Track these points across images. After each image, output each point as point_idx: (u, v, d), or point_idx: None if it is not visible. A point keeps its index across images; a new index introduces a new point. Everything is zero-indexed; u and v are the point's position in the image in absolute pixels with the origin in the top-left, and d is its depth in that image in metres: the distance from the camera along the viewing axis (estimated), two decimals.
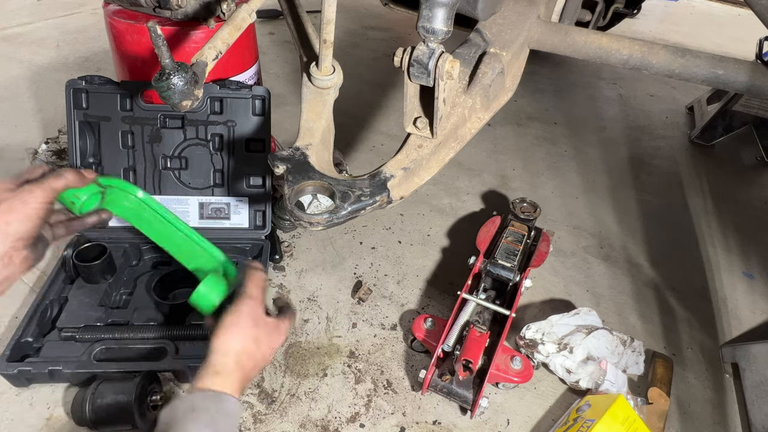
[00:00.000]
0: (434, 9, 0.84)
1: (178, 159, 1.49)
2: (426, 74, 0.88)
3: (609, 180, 2.24)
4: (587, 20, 2.44)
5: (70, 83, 1.39)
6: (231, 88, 1.44)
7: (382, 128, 2.42)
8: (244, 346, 0.81)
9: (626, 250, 1.86)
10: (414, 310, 1.54)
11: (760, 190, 2.30)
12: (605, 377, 1.28)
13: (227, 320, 0.81)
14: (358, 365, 1.37)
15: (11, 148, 1.99)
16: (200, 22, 1.40)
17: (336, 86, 1.11)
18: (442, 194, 2.03)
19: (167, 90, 0.84)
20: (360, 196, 0.91)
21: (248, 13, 1.00)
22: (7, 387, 1.21)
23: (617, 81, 3.17)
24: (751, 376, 1.31)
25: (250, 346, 0.81)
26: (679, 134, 2.67)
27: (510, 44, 1.21)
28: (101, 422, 1.11)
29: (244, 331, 0.81)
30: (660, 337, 1.54)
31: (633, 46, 1.24)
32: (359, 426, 1.24)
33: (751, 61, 1.22)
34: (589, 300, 1.64)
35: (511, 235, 1.56)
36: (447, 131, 1.04)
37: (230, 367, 0.78)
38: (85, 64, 2.69)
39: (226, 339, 0.80)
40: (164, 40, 0.78)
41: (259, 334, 0.83)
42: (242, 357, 0.80)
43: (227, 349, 0.79)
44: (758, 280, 1.79)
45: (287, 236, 1.73)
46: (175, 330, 1.28)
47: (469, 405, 1.22)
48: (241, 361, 0.80)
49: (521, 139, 2.48)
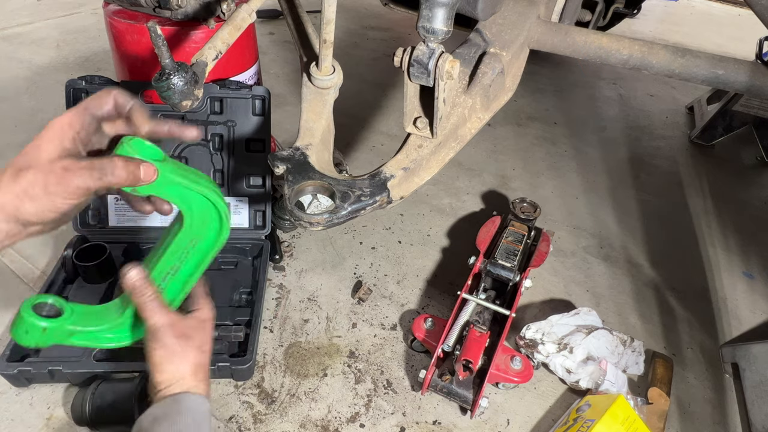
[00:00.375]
0: (434, 9, 0.84)
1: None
2: (426, 74, 0.88)
3: (609, 180, 2.24)
4: (587, 20, 2.44)
5: (70, 83, 1.39)
6: (231, 88, 1.44)
7: (382, 128, 2.42)
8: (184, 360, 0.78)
9: (626, 250, 1.86)
10: (414, 310, 1.54)
11: (760, 190, 2.30)
12: (605, 377, 1.28)
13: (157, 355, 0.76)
14: (358, 365, 1.37)
15: (11, 148, 1.99)
16: (200, 22, 1.39)
17: (336, 86, 1.11)
18: (442, 194, 2.03)
19: (167, 90, 0.84)
20: (360, 196, 0.91)
21: (248, 13, 1.00)
22: (7, 387, 1.21)
23: (617, 81, 3.17)
24: (751, 376, 1.31)
25: (189, 355, 0.78)
26: (679, 134, 2.67)
27: (510, 44, 1.21)
28: (101, 422, 1.11)
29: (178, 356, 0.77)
30: (660, 337, 1.54)
31: (633, 46, 1.24)
32: (359, 426, 1.24)
33: (751, 61, 1.21)
34: (589, 300, 1.64)
35: (511, 235, 1.56)
36: (447, 131, 1.04)
37: (178, 377, 0.77)
38: (85, 64, 2.69)
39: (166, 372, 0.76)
40: (164, 40, 0.78)
41: (190, 343, 0.78)
42: (188, 365, 0.78)
43: (171, 379, 0.77)
44: (758, 280, 1.79)
45: (287, 236, 1.73)
46: None
47: (469, 405, 1.22)
48: (188, 370, 0.78)
49: (521, 139, 2.48)
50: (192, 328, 0.80)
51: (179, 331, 0.77)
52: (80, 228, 1.47)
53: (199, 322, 0.82)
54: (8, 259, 1.54)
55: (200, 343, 0.80)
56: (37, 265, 1.53)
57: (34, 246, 1.59)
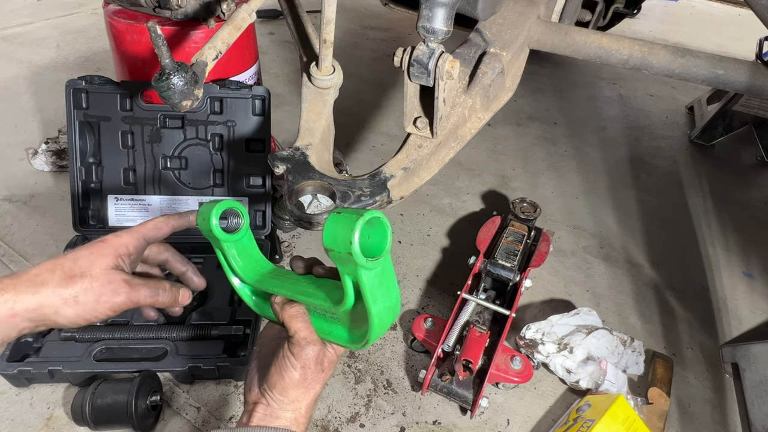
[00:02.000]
0: (434, 9, 0.84)
1: (178, 159, 1.49)
2: (426, 74, 0.88)
3: (609, 180, 2.24)
4: (587, 20, 2.44)
5: (70, 83, 1.39)
6: (231, 88, 1.44)
7: (382, 128, 2.41)
8: (309, 391, 0.71)
9: (626, 250, 1.86)
10: (414, 310, 1.54)
11: (760, 190, 2.30)
12: (605, 377, 1.28)
13: (290, 373, 0.69)
14: (358, 365, 1.37)
15: (11, 148, 1.99)
16: (200, 22, 1.40)
17: (336, 86, 1.11)
18: (442, 194, 2.03)
19: (167, 90, 0.84)
20: (360, 196, 0.91)
21: (248, 13, 1.00)
22: (7, 387, 1.21)
23: (617, 81, 3.17)
24: (751, 376, 1.31)
25: (315, 387, 0.71)
26: (679, 134, 2.67)
27: (510, 44, 1.21)
28: (101, 422, 1.11)
29: (308, 384, 0.70)
30: (660, 337, 1.54)
31: (633, 46, 1.24)
32: (359, 426, 1.24)
33: (751, 61, 1.21)
34: (589, 300, 1.64)
35: (511, 235, 1.56)
36: (447, 131, 1.04)
37: (295, 407, 0.70)
38: (85, 64, 2.69)
39: (287, 397, 0.69)
40: (164, 40, 0.79)
41: (322, 377, 0.71)
42: (309, 399, 0.71)
43: (287, 407, 0.70)
44: (758, 280, 1.78)
45: (287, 236, 1.73)
46: (175, 330, 1.28)
47: (469, 405, 1.22)
48: (305, 405, 0.71)
49: (521, 139, 2.48)
50: (329, 362, 0.72)
51: (320, 359, 0.70)
52: (80, 228, 1.47)
53: (334, 357, 0.74)
54: (8, 259, 1.54)
55: (326, 378, 0.72)
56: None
57: (34, 246, 1.59)
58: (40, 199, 1.78)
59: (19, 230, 1.65)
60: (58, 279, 0.62)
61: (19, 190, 1.81)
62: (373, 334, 0.64)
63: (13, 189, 1.81)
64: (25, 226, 1.67)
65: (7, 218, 1.69)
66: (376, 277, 0.60)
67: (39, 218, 1.70)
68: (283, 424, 0.68)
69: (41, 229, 1.66)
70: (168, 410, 1.21)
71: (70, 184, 1.44)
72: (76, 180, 1.44)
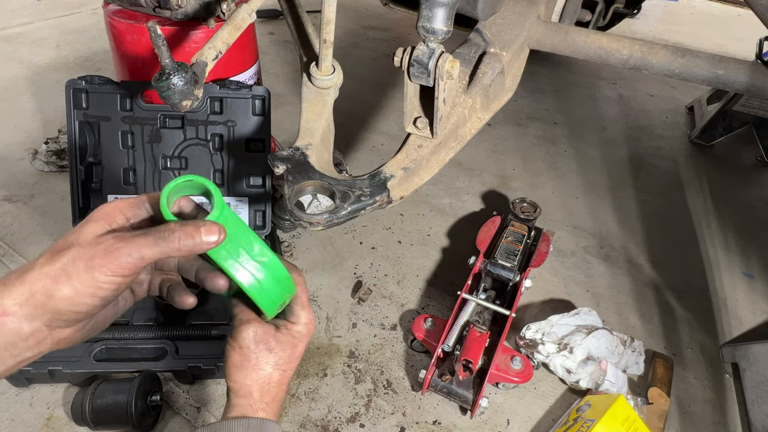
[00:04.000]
0: (434, 9, 0.84)
1: (178, 159, 1.49)
2: (426, 74, 0.88)
3: (609, 180, 2.24)
4: (587, 20, 2.44)
5: (70, 83, 1.39)
6: (231, 88, 1.44)
7: (382, 128, 2.42)
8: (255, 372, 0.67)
9: (626, 250, 1.86)
10: (414, 310, 1.54)
11: (760, 190, 2.30)
12: (605, 377, 1.28)
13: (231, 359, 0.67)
14: (358, 365, 1.37)
15: (11, 148, 1.99)
16: (200, 22, 1.39)
17: (336, 86, 1.11)
18: (442, 194, 2.03)
19: (167, 90, 0.84)
20: (360, 196, 0.91)
21: (248, 13, 1.00)
22: (7, 387, 1.21)
23: (617, 81, 3.17)
24: (751, 376, 1.31)
25: (262, 368, 0.68)
26: (679, 134, 2.67)
27: (510, 44, 1.21)
28: (101, 422, 1.11)
29: (251, 366, 0.67)
30: (660, 337, 1.54)
31: (633, 46, 1.24)
32: (359, 426, 1.24)
33: (751, 61, 1.21)
34: (589, 300, 1.64)
35: (511, 235, 1.56)
36: (447, 131, 1.04)
37: (245, 392, 0.67)
38: (85, 64, 2.69)
39: (235, 383, 0.67)
40: (164, 40, 0.78)
41: (269, 357, 0.68)
42: (257, 380, 0.68)
43: (238, 392, 0.67)
44: (758, 280, 1.78)
45: (287, 236, 1.73)
46: (175, 330, 1.28)
47: (469, 405, 1.22)
48: (255, 385, 0.68)
49: (521, 139, 2.48)
50: (278, 342, 0.68)
51: (262, 339, 0.67)
52: None
53: (290, 337, 0.69)
54: (8, 259, 1.54)
55: (281, 360, 0.68)
56: None
57: (34, 246, 1.59)
58: (40, 199, 1.78)
59: (19, 230, 1.65)
60: (44, 259, 0.54)
61: (19, 190, 1.81)
62: (254, 294, 0.61)
63: (13, 189, 1.81)
64: (25, 226, 1.67)
65: (7, 218, 1.69)
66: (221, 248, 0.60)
67: (39, 218, 1.70)
68: (239, 413, 0.66)
69: (41, 229, 1.66)
70: (168, 410, 1.21)
71: (70, 184, 1.44)
72: (76, 180, 1.44)
